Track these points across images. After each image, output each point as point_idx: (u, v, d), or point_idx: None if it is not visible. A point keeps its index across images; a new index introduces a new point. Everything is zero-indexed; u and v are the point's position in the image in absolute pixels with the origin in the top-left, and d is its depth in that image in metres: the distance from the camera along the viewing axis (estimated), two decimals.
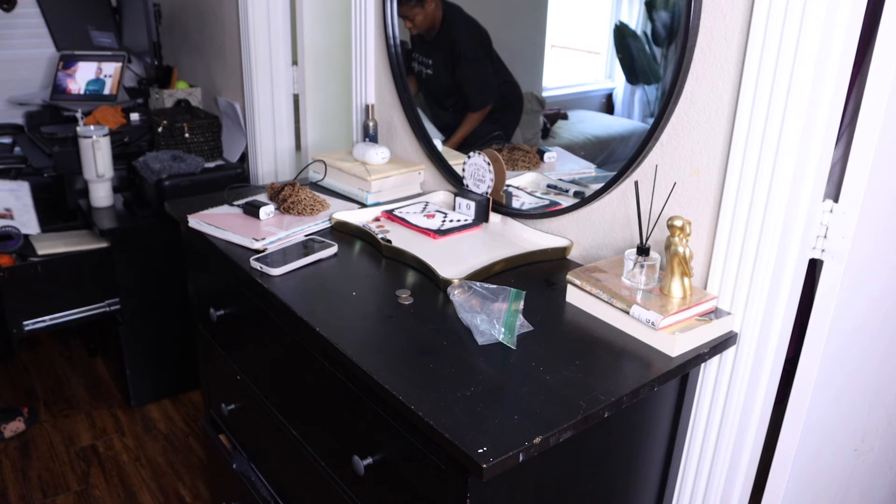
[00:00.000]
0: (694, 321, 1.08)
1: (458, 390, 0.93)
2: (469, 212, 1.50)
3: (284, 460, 1.42)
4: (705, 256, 1.18)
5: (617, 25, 1.30)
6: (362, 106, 1.87)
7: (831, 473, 1.35)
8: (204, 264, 1.59)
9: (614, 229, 1.33)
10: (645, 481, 1.23)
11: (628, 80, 1.32)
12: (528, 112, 1.54)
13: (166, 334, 2.50)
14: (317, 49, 2.25)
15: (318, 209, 1.53)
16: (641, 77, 1.30)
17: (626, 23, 1.29)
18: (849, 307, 1.12)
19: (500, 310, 1.09)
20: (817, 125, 0.99)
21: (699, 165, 1.16)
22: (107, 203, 2.44)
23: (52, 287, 2.23)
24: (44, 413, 2.50)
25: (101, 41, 3.06)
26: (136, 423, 2.47)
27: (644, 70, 1.29)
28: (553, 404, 0.91)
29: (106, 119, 2.68)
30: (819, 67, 0.96)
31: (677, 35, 1.15)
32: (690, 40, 1.11)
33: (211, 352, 1.67)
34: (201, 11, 2.76)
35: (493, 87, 1.63)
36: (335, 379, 1.14)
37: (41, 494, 2.13)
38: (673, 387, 1.17)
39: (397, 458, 1.03)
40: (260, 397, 1.45)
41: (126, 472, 2.24)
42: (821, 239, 1.07)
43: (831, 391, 1.19)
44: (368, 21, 1.78)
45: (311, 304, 1.17)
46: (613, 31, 1.31)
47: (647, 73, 1.29)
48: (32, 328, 2.24)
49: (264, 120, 2.45)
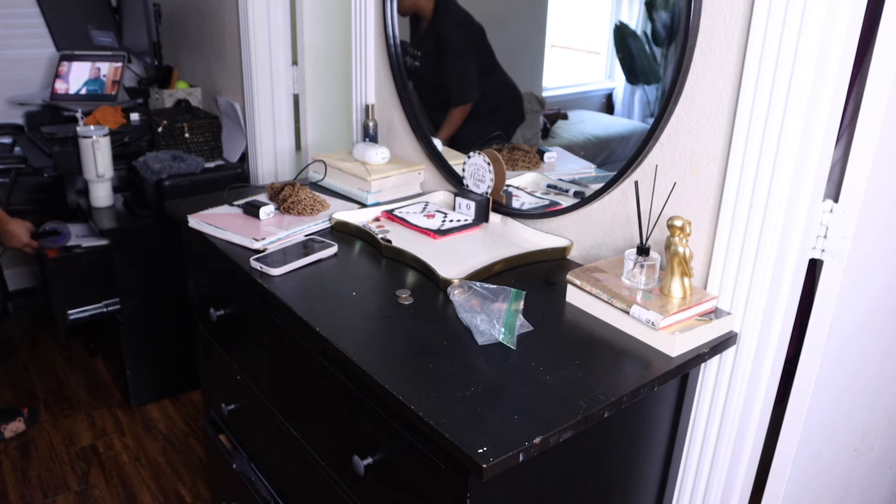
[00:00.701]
0: (694, 321, 1.08)
1: (458, 390, 0.93)
2: (469, 212, 1.50)
3: (284, 460, 1.42)
4: (705, 256, 1.18)
5: (617, 25, 1.30)
6: (362, 106, 1.88)
7: (831, 473, 1.35)
8: (204, 264, 1.59)
9: (614, 229, 1.33)
10: (645, 481, 1.23)
11: (628, 80, 1.32)
12: (528, 112, 1.54)
13: (166, 334, 2.50)
14: (317, 49, 2.25)
15: (318, 209, 1.53)
16: (641, 77, 1.30)
17: (626, 23, 1.29)
18: (849, 307, 1.12)
19: (500, 310, 1.09)
20: (817, 125, 0.98)
21: (699, 165, 1.16)
22: (107, 203, 2.44)
23: (96, 277, 2.35)
24: (44, 413, 2.51)
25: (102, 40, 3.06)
26: (136, 423, 2.47)
27: (644, 70, 1.29)
28: (553, 404, 0.91)
29: (106, 119, 2.68)
30: (819, 67, 0.96)
31: (677, 35, 1.15)
32: (690, 40, 1.11)
33: (211, 352, 1.67)
34: (201, 11, 2.76)
35: (473, 84, 1.62)
36: (335, 379, 1.14)
37: (41, 494, 2.13)
38: (673, 387, 1.17)
39: (397, 458, 1.03)
40: (260, 397, 1.45)
41: (126, 472, 2.24)
42: (821, 239, 1.07)
43: (831, 391, 1.19)
44: (368, 21, 1.78)
45: (311, 304, 1.17)
46: (613, 31, 1.31)
47: (647, 73, 1.29)
48: (76, 317, 2.36)
49: (264, 120, 2.45)
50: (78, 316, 2.37)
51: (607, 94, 1.40)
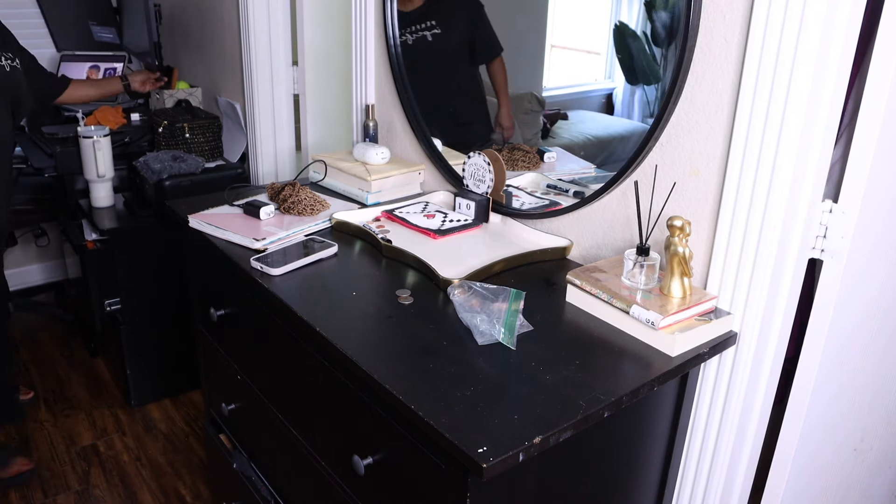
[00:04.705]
0: (694, 321, 1.08)
1: (458, 390, 0.93)
2: (469, 212, 1.50)
3: (285, 460, 1.43)
4: (705, 256, 1.18)
5: (617, 25, 1.30)
6: (362, 106, 1.88)
7: (831, 473, 1.35)
8: (204, 264, 1.59)
9: (614, 229, 1.33)
10: (645, 481, 1.23)
11: (628, 81, 1.33)
12: (528, 112, 1.54)
13: (167, 334, 2.50)
14: (317, 49, 2.25)
15: (318, 209, 1.53)
16: (641, 77, 1.31)
17: (626, 23, 1.29)
18: (848, 307, 1.12)
19: (500, 310, 1.09)
20: (817, 125, 0.99)
21: (699, 165, 1.16)
22: (107, 203, 2.44)
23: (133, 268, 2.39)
24: (44, 412, 2.51)
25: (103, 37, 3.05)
26: (137, 422, 2.47)
27: (644, 70, 1.29)
28: (553, 404, 0.91)
29: (107, 119, 2.69)
30: (818, 67, 0.96)
31: (677, 35, 1.15)
32: (690, 40, 1.11)
33: (211, 352, 1.67)
34: (202, 11, 2.76)
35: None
36: (335, 379, 1.14)
37: (42, 494, 2.13)
38: (673, 387, 1.17)
39: (397, 457, 1.03)
40: (260, 397, 1.45)
41: (126, 471, 2.24)
42: (820, 239, 1.07)
43: (831, 390, 1.19)
44: (368, 21, 1.78)
45: (311, 304, 1.17)
46: (613, 31, 1.31)
47: (646, 74, 1.29)
48: (112, 309, 2.42)
49: (264, 120, 2.46)
50: (112, 308, 2.42)
51: (607, 95, 1.40)
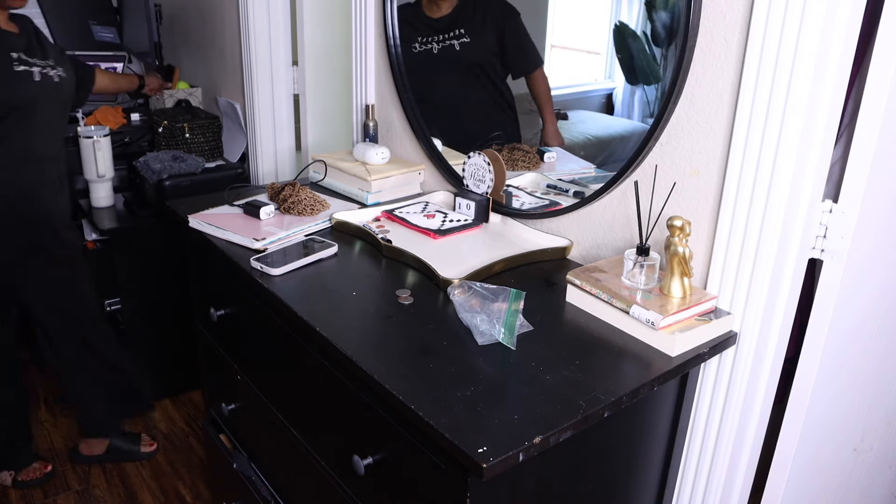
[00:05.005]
0: (694, 321, 1.08)
1: (458, 390, 0.93)
2: (469, 212, 1.50)
3: (285, 460, 1.43)
4: (705, 256, 1.18)
5: (617, 25, 1.30)
6: (362, 106, 1.88)
7: (831, 473, 1.35)
8: (204, 264, 1.59)
9: (614, 229, 1.33)
10: (645, 481, 1.23)
11: (628, 81, 1.33)
12: (528, 112, 1.54)
13: (166, 334, 2.50)
14: (317, 49, 2.25)
15: (318, 209, 1.53)
16: (641, 77, 1.31)
17: (626, 23, 1.29)
18: (848, 307, 1.12)
19: (500, 310, 1.09)
20: (817, 125, 0.99)
21: (699, 165, 1.16)
22: (107, 203, 2.44)
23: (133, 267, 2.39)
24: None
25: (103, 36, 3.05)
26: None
27: (644, 70, 1.29)
28: (553, 404, 0.91)
29: (106, 119, 2.69)
30: (818, 67, 0.96)
31: (677, 35, 1.15)
32: (690, 40, 1.11)
33: (211, 352, 1.67)
34: (202, 11, 2.76)
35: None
36: (335, 379, 1.14)
37: (42, 494, 2.13)
38: (673, 387, 1.17)
39: (397, 457, 1.03)
40: (260, 397, 1.45)
41: (126, 471, 2.24)
42: (820, 239, 1.07)
43: (831, 390, 1.19)
44: (368, 21, 1.78)
45: (311, 304, 1.17)
46: (613, 32, 1.31)
47: (646, 74, 1.29)
48: (112, 309, 2.40)
49: (264, 120, 2.46)
50: (113, 308, 2.40)
51: (607, 95, 1.40)
